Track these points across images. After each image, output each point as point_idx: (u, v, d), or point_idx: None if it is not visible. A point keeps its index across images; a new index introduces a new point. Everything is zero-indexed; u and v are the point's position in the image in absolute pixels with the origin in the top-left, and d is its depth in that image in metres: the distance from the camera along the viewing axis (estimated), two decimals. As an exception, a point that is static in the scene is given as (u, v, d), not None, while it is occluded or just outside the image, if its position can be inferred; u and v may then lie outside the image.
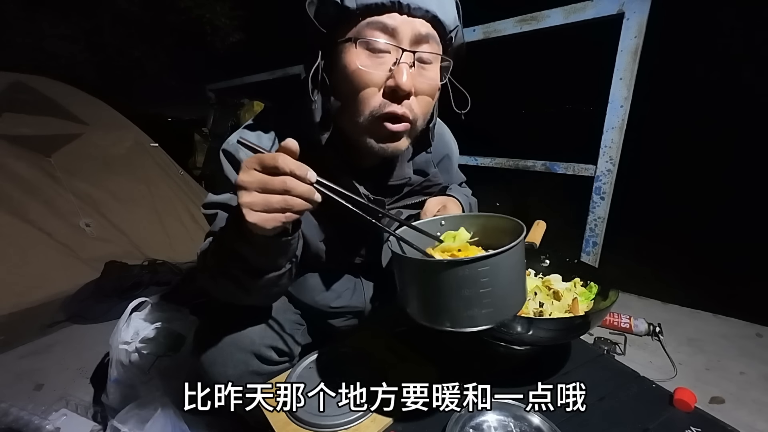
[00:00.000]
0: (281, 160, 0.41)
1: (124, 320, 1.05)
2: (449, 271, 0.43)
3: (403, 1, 0.49)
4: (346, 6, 0.50)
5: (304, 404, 0.58)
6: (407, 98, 0.54)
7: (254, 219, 0.43)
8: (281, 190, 0.42)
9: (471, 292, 0.43)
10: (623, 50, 1.26)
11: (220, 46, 8.11)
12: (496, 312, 0.45)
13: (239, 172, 0.44)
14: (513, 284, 0.47)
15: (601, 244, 1.45)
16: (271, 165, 0.42)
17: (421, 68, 0.55)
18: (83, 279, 1.80)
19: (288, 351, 0.76)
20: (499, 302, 0.45)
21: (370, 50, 0.52)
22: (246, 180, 0.43)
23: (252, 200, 0.42)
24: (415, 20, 0.51)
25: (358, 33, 0.52)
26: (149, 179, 2.37)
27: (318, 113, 0.58)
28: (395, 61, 0.52)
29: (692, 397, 0.58)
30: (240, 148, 0.64)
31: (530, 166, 1.60)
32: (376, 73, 0.52)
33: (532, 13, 1.45)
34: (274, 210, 0.43)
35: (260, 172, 0.42)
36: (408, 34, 0.51)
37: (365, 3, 0.49)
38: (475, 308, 0.44)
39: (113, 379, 1.02)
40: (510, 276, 0.46)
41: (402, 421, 0.58)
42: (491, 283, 0.43)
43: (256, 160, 0.43)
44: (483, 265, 0.42)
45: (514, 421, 0.54)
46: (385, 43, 0.51)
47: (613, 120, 1.32)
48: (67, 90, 2.40)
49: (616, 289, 0.66)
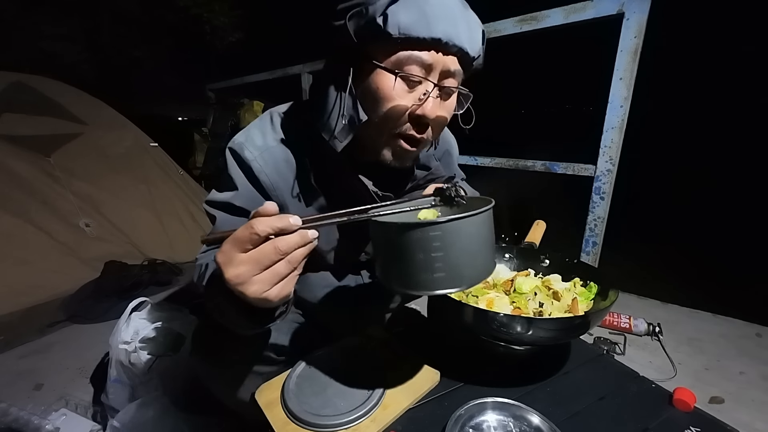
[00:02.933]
0: (258, 227, 0.38)
1: (124, 320, 1.05)
2: (404, 233, 0.46)
3: (443, 39, 0.51)
4: (387, 32, 0.50)
5: (304, 404, 0.58)
6: (428, 125, 0.58)
7: (274, 295, 0.40)
8: (278, 256, 0.39)
9: (424, 256, 0.45)
10: (623, 50, 1.26)
11: (219, 45, 8.12)
12: (448, 278, 0.47)
13: (223, 268, 0.40)
14: (469, 254, 0.48)
15: (601, 244, 1.45)
16: (248, 235, 0.38)
17: (442, 98, 0.59)
18: (83, 279, 1.80)
19: (288, 350, 0.76)
20: (452, 269, 0.47)
21: (405, 81, 0.55)
22: (239, 273, 0.39)
23: (261, 284, 0.39)
24: (447, 57, 0.54)
25: (398, 64, 0.53)
26: (149, 179, 2.37)
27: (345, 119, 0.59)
28: (425, 92, 0.55)
29: (692, 397, 0.58)
30: (245, 147, 0.64)
31: (530, 166, 1.60)
32: (405, 102, 0.56)
33: (532, 13, 1.45)
34: (284, 277, 0.41)
35: (243, 253, 0.39)
36: (439, 69, 0.55)
37: (408, 35, 0.50)
38: (427, 272, 0.46)
39: (113, 379, 1.02)
40: (465, 245, 0.47)
41: (402, 421, 0.58)
42: (443, 249, 0.45)
43: (232, 246, 0.39)
44: (434, 230, 0.44)
45: (513, 421, 0.54)
46: (421, 77, 0.54)
47: (613, 120, 1.32)
48: (67, 90, 2.40)
49: (615, 289, 0.66)
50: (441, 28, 0.50)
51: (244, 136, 0.67)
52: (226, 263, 0.39)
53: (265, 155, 0.65)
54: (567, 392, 0.62)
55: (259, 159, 0.64)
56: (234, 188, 0.65)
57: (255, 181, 0.65)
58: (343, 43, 0.55)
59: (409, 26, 0.50)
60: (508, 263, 0.86)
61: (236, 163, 0.65)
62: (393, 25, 0.50)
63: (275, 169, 0.65)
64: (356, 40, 0.53)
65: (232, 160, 0.66)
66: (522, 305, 0.67)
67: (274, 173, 0.65)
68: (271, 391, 0.63)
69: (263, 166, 0.64)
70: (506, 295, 0.71)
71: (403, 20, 0.49)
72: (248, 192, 0.64)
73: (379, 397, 0.59)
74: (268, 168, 0.64)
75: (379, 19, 0.50)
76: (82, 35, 6.13)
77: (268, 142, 0.66)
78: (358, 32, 0.53)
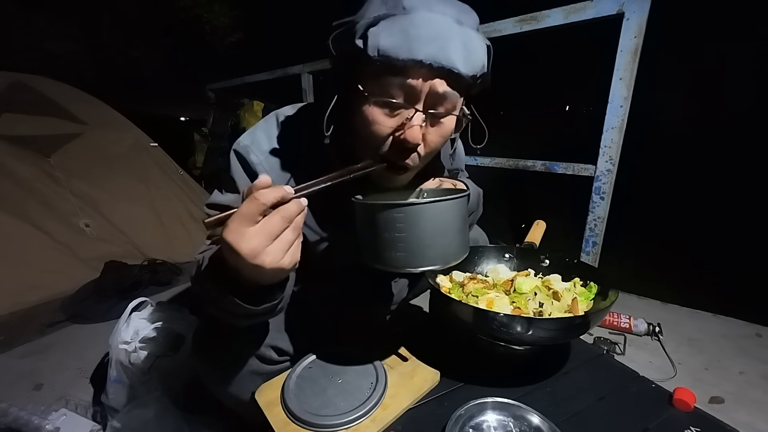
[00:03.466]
0: (263, 198, 0.40)
1: (124, 320, 1.05)
2: (372, 212, 0.52)
3: (425, 60, 0.47)
4: (368, 54, 0.48)
5: (304, 404, 0.58)
6: (414, 150, 0.56)
7: (288, 262, 0.43)
8: (285, 224, 0.41)
9: (389, 235, 0.51)
10: (623, 50, 1.26)
11: (219, 45, 8.12)
12: (410, 257, 0.52)
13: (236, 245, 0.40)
14: (433, 237, 0.51)
15: (601, 244, 1.45)
16: (255, 208, 0.39)
17: (433, 122, 0.55)
18: (83, 279, 1.80)
19: (287, 351, 0.76)
20: (415, 250, 0.51)
21: (385, 106, 0.52)
22: (253, 246, 0.40)
23: (275, 254, 0.41)
24: (434, 80, 0.50)
25: (378, 87, 0.51)
26: (149, 179, 2.37)
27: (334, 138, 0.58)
28: (409, 116, 0.52)
29: (692, 396, 0.58)
30: (251, 150, 0.64)
31: (530, 166, 1.60)
32: (387, 126, 0.54)
33: (532, 13, 1.45)
34: (291, 243, 0.43)
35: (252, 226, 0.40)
36: (425, 92, 0.51)
37: (387, 57, 0.48)
38: (391, 250, 0.52)
39: (113, 379, 1.02)
40: (429, 228, 0.51)
41: (402, 421, 0.58)
42: (406, 230, 0.50)
43: (240, 222, 0.40)
44: (399, 212, 0.49)
45: (513, 421, 0.54)
46: (400, 103, 0.52)
47: (613, 120, 1.32)
48: (67, 90, 2.40)
49: (615, 289, 0.66)
50: (424, 50, 0.47)
51: (249, 139, 0.66)
52: (238, 240, 0.40)
53: (271, 159, 0.64)
54: (567, 392, 0.62)
55: (264, 163, 0.64)
56: (237, 191, 0.64)
57: None
58: (334, 60, 0.55)
59: (389, 48, 0.47)
60: (508, 263, 0.86)
61: (241, 166, 0.65)
62: (372, 47, 0.47)
63: (280, 173, 0.65)
64: (340, 59, 0.53)
65: (236, 162, 0.65)
66: (522, 305, 0.67)
67: (279, 178, 0.64)
68: (271, 391, 0.63)
69: (269, 170, 0.64)
70: (506, 295, 0.71)
71: (383, 42, 0.47)
72: None
73: (379, 397, 0.59)
74: (273, 173, 0.64)
75: (359, 41, 0.49)
76: (82, 35, 6.12)
77: (274, 146, 0.66)
78: (342, 53, 0.52)
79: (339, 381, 0.63)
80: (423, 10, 0.48)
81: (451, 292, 0.73)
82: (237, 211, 0.40)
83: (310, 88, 2.73)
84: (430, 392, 0.63)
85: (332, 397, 0.60)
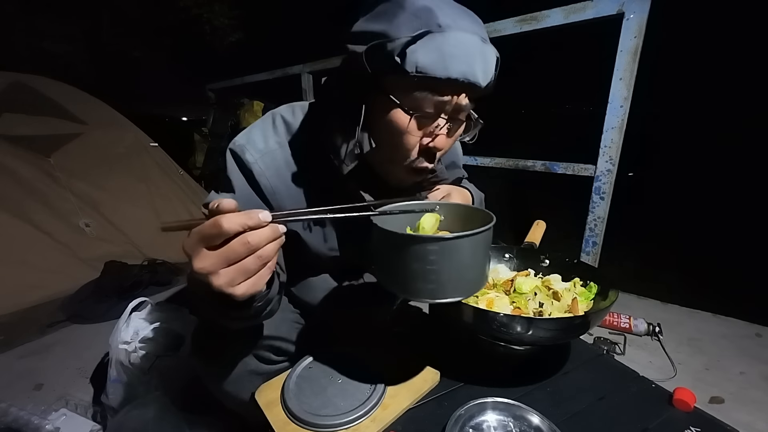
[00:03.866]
0: (225, 224, 0.36)
1: (124, 320, 1.05)
2: (405, 244, 0.49)
3: (459, 78, 0.51)
4: (405, 69, 0.50)
5: (304, 404, 0.58)
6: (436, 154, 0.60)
7: (242, 291, 0.39)
8: (247, 251, 0.37)
9: (419, 267, 0.48)
10: (623, 50, 1.26)
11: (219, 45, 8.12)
12: (439, 290, 0.50)
13: (191, 260, 0.38)
14: (463, 270, 0.51)
15: (601, 244, 1.45)
16: (216, 233, 0.36)
17: (452, 130, 0.60)
18: (83, 279, 1.80)
19: (287, 351, 0.76)
20: (445, 283, 0.50)
21: (419, 119, 0.56)
22: (205, 266, 0.37)
23: (228, 278, 0.38)
24: (461, 95, 0.55)
25: (412, 101, 0.54)
26: (149, 179, 2.37)
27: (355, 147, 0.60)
28: (436, 125, 0.57)
29: (692, 396, 0.58)
30: (246, 150, 0.64)
31: (530, 166, 1.60)
32: (417, 135, 0.58)
33: (532, 13, 1.45)
34: (253, 272, 0.39)
35: (210, 249, 0.37)
36: (452, 105, 0.56)
37: (424, 74, 0.50)
38: (420, 282, 0.49)
39: (113, 379, 1.02)
40: (461, 261, 0.50)
41: (402, 421, 0.58)
42: (438, 263, 0.48)
43: (197, 240, 0.37)
44: (433, 245, 0.48)
45: (513, 421, 0.54)
46: (431, 113, 0.56)
47: (613, 120, 1.32)
48: (67, 90, 2.40)
49: (615, 289, 0.66)
50: (457, 68, 0.51)
51: (245, 138, 0.66)
52: (194, 255, 0.38)
53: (266, 159, 0.64)
54: (567, 392, 0.62)
55: (260, 162, 0.63)
56: (232, 191, 0.64)
57: (255, 185, 0.64)
58: (358, 68, 0.55)
59: (427, 66, 0.50)
60: (508, 263, 0.86)
61: (236, 165, 0.64)
62: (411, 64, 0.50)
63: (276, 173, 0.64)
64: (371, 71, 0.53)
65: (232, 161, 0.65)
66: (522, 305, 0.67)
67: (274, 177, 0.64)
68: (271, 391, 0.63)
69: (264, 169, 0.63)
70: (506, 295, 0.71)
71: (421, 60, 0.50)
72: (247, 195, 0.64)
73: (379, 397, 0.59)
74: (269, 172, 0.64)
75: (398, 57, 0.50)
76: (82, 35, 6.12)
77: (270, 146, 0.65)
78: (374, 65, 0.53)
79: (339, 381, 0.63)
80: (456, 29, 0.51)
81: (451, 292, 0.72)
82: (197, 228, 0.38)
83: (310, 88, 2.73)
84: (430, 392, 0.63)
85: (332, 397, 0.60)
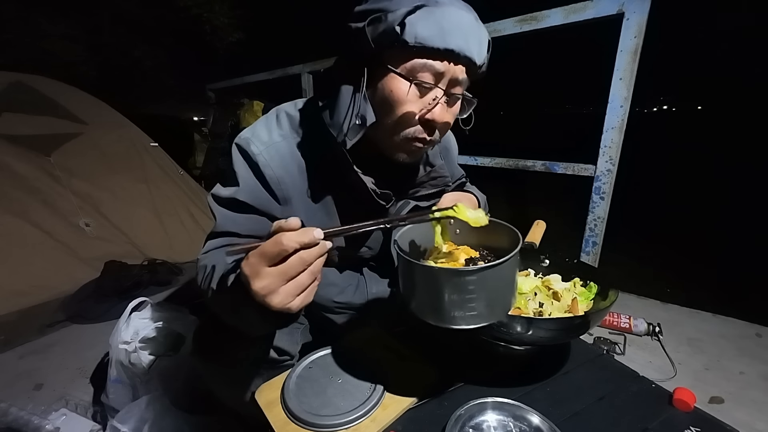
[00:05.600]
0: (286, 243, 0.39)
1: (124, 320, 1.05)
2: (442, 277, 0.48)
3: (455, 50, 0.54)
4: (404, 39, 0.53)
5: (304, 404, 0.58)
6: (436, 128, 0.62)
7: (297, 305, 0.43)
8: (303, 268, 0.41)
9: (458, 297, 0.48)
10: (623, 50, 1.25)
11: (219, 45, 8.13)
12: (478, 317, 0.49)
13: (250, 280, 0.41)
14: (499, 294, 0.51)
15: (601, 244, 1.45)
16: (277, 252, 0.40)
17: (450, 103, 0.62)
18: (83, 279, 1.80)
19: (288, 350, 0.76)
20: (483, 309, 0.49)
21: (418, 87, 0.58)
22: (265, 285, 0.40)
23: (285, 295, 0.41)
24: (456, 67, 0.57)
25: (412, 71, 0.56)
26: (149, 179, 2.37)
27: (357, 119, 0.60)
28: (434, 98, 0.58)
29: (692, 396, 0.58)
30: (251, 142, 0.65)
31: (530, 166, 1.60)
32: (416, 105, 0.59)
33: (532, 13, 1.45)
34: (306, 287, 0.43)
35: (270, 266, 0.40)
36: (449, 77, 0.58)
37: (423, 45, 0.53)
38: (459, 311, 0.49)
39: (113, 379, 1.02)
40: (497, 286, 0.50)
41: (402, 421, 0.58)
42: (477, 291, 0.47)
43: (259, 260, 0.40)
44: (471, 276, 0.47)
45: (513, 421, 0.54)
46: (431, 83, 0.57)
47: (613, 120, 1.32)
48: (67, 90, 2.40)
49: (615, 289, 0.66)
50: (454, 41, 0.54)
51: (250, 132, 0.68)
52: (253, 275, 0.41)
53: (271, 150, 0.65)
54: (567, 392, 0.62)
55: (264, 153, 0.65)
56: (237, 184, 0.65)
57: (260, 176, 0.65)
58: (359, 46, 0.56)
59: (426, 37, 0.52)
60: (508, 263, 0.86)
61: (242, 157, 0.66)
62: (410, 34, 0.52)
63: (281, 163, 0.66)
64: (373, 45, 0.55)
65: (238, 154, 0.66)
66: (522, 305, 0.67)
67: (279, 168, 0.65)
68: (271, 391, 0.63)
69: (269, 160, 0.64)
70: (506, 295, 0.71)
71: (420, 31, 0.52)
72: (253, 187, 0.65)
73: (379, 397, 0.59)
74: (273, 162, 0.65)
75: (398, 27, 0.52)
76: (82, 35, 6.12)
77: (274, 138, 0.67)
78: (376, 38, 0.55)
79: (339, 381, 0.63)
80: (451, 5, 0.54)
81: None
82: (259, 248, 0.41)
83: (310, 88, 2.73)
84: (430, 392, 0.63)
85: (332, 397, 0.60)
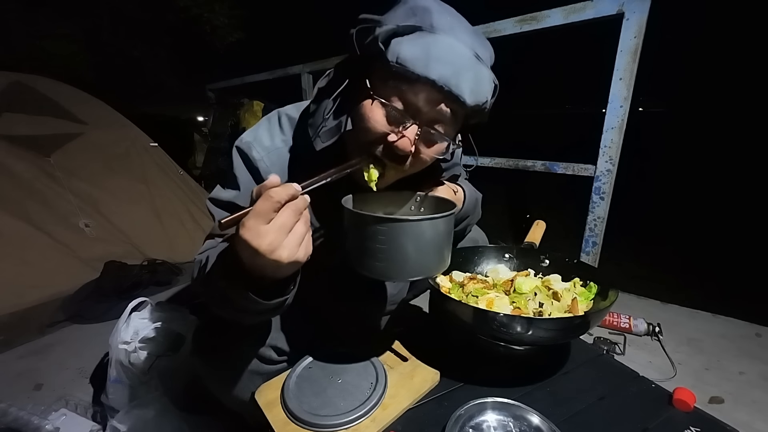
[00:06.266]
0: (275, 194, 0.41)
1: (124, 320, 1.05)
2: (357, 220, 0.54)
3: (437, 81, 0.49)
4: (386, 57, 0.50)
5: (304, 404, 0.58)
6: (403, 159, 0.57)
7: (303, 255, 0.45)
8: (297, 217, 0.43)
9: (371, 245, 0.53)
10: (623, 50, 1.26)
11: (219, 45, 8.13)
12: (389, 269, 0.54)
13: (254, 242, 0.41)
14: (412, 252, 0.53)
15: (601, 244, 1.45)
16: (269, 205, 0.41)
17: (427, 141, 0.57)
18: (83, 279, 1.80)
19: (287, 350, 0.76)
20: (393, 262, 0.53)
21: (384, 108, 0.54)
22: (271, 241, 0.41)
23: (291, 248, 0.43)
24: (439, 101, 0.53)
25: (385, 90, 0.53)
26: (149, 179, 2.37)
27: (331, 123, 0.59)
28: (403, 125, 0.54)
29: (691, 396, 0.58)
30: (252, 147, 0.65)
31: (530, 166, 1.60)
32: (381, 126, 0.55)
33: (532, 13, 1.45)
34: (304, 235, 0.45)
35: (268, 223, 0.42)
36: (427, 110, 0.53)
37: (404, 67, 0.49)
38: (372, 259, 0.54)
39: (113, 379, 1.02)
40: (410, 244, 0.53)
41: (402, 421, 0.58)
42: (387, 243, 0.52)
43: (256, 220, 0.41)
44: (382, 226, 0.51)
45: (513, 421, 0.54)
46: (399, 110, 0.53)
47: (613, 120, 1.32)
48: (67, 90, 2.40)
49: (615, 289, 0.66)
50: (438, 71, 0.49)
51: (252, 136, 0.67)
52: (255, 237, 0.41)
53: (272, 156, 0.65)
54: (567, 392, 0.62)
55: (266, 159, 0.65)
56: (238, 188, 0.65)
57: (261, 182, 0.65)
58: (351, 52, 0.55)
59: (407, 59, 0.49)
60: (508, 263, 0.86)
61: (243, 162, 0.66)
62: (393, 53, 0.50)
63: (282, 169, 0.66)
64: (359, 53, 0.54)
65: (238, 158, 0.66)
66: (522, 305, 0.67)
67: (281, 174, 0.65)
68: (271, 391, 0.63)
69: (270, 166, 0.65)
70: (506, 295, 0.71)
71: (404, 52, 0.49)
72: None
73: (379, 397, 0.59)
74: (275, 168, 0.65)
75: (381, 44, 0.51)
76: (82, 35, 6.13)
77: (276, 143, 0.67)
78: (363, 48, 0.53)
79: (339, 381, 0.63)
80: (448, 34, 0.50)
81: (451, 292, 0.73)
82: (252, 210, 0.42)
83: (310, 88, 2.73)
84: (430, 392, 0.63)
85: (332, 397, 0.60)
